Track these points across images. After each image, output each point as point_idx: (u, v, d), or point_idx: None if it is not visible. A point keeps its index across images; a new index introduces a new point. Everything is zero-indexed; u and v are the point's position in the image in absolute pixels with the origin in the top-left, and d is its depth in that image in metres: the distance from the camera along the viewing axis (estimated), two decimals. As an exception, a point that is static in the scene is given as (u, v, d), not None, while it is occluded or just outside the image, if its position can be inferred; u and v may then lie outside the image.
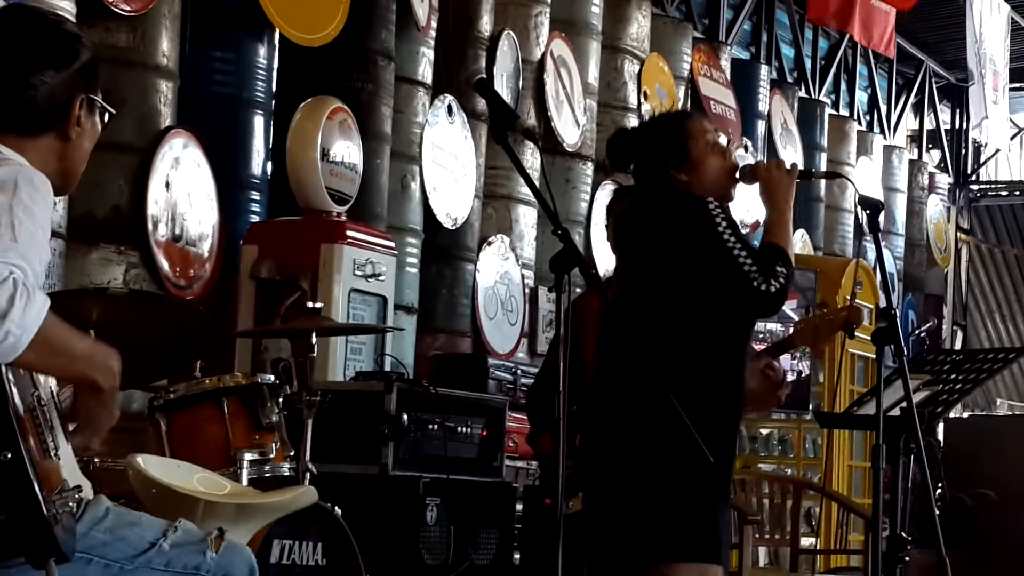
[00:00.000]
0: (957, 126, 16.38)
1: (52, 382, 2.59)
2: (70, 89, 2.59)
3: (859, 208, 4.04)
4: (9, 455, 2.33)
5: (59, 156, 2.61)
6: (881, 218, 4.14)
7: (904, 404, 4.08)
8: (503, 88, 8.33)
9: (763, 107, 11.60)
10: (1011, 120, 15.95)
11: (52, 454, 2.48)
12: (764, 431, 9.33)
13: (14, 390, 2.40)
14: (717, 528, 3.73)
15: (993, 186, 17.06)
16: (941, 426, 9.78)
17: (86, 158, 2.67)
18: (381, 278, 6.49)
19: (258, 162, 6.81)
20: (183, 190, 6.27)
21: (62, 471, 2.49)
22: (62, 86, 2.58)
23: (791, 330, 4.35)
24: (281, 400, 4.51)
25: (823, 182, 12.51)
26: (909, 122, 15.92)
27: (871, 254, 11.96)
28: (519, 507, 6.02)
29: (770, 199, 3.81)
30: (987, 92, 13.91)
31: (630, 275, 3.88)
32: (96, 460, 3.88)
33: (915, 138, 16.05)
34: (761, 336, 9.32)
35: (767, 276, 3.64)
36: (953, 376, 5.13)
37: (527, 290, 8.61)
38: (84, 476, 2.65)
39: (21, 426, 2.38)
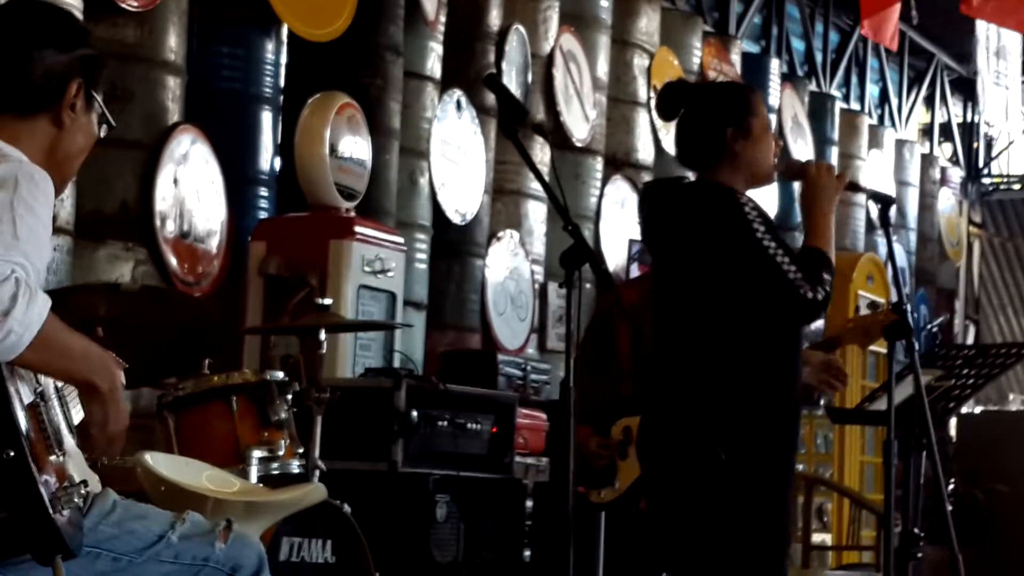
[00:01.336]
0: (969, 119, 16.33)
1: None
2: (68, 71, 2.59)
3: (871, 202, 4.03)
4: (12, 453, 2.32)
5: (52, 143, 2.60)
6: (892, 212, 4.12)
7: (916, 399, 4.06)
8: (512, 83, 8.30)
9: (774, 101, 11.56)
10: (1022, 112, 15.90)
11: (56, 450, 2.46)
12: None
13: (16, 386, 2.39)
14: (773, 539, 3.66)
15: (1005, 180, 17.01)
16: (953, 421, 9.74)
17: (80, 155, 2.66)
18: (390, 274, 6.47)
19: (266, 158, 6.79)
20: (191, 186, 6.26)
21: (67, 466, 2.48)
22: (60, 66, 2.58)
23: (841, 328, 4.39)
24: (290, 397, 4.50)
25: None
26: (920, 116, 15.87)
27: (882, 248, 11.92)
28: (529, 504, 6.01)
29: (814, 202, 3.70)
30: (1008, 83, 13.85)
31: (665, 274, 3.79)
32: (104, 458, 3.86)
33: (927, 132, 16.01)
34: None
35: (814, 283, 3.55)
36: (965, 371, 5.09)
37: (537, 286, 8.59)
38: (92, 471, 2.64)
39: (24, 423, 2.37)
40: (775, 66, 11.75)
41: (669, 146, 9.51)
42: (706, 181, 3.75)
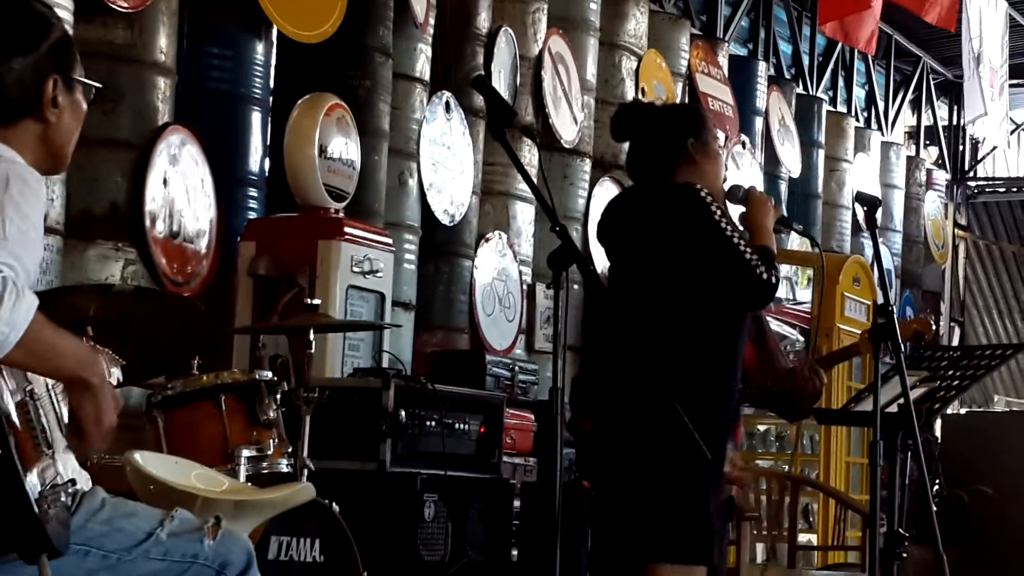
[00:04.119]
0: (954, 122, 16.38)
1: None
2: (39, 72, 2.56)
3: (857, 204, 4.12)
4: None
5: (41, 139, 2.59)
6: (878, 214, 4.17)
7: (901, 401, 4.09)
8: (501, 85, 8.32)
9: (761, 104, 11.60)
10: (1010, 117, 15.95)
11: (44, 449, 2.48)
12: (762, 427, 9.34)
13: (3, 385, 2.40)
14: (708, 528, 3.74)
15: (991, 183, 17.07)
16: (938, 423, 9.78)
17: (72, 136, 2.65)
18: (379, 275, 6.49)
19: (256, 159, 6.80)
20: (181, 187, 6.27)
21: (57, 465, 2.49)
22: (30, 70, 2.55)
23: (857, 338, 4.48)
24: (279, 397, 4.51)
25: (820, 179, 12.53)
26: (907, 118, 15.92)
27: (868, 250, 11.96)
28: (517, 503, 6.02)
29: (757, 217, 3.96)
30: (984, 88, 13.90)
31: (622, 267, 3.91)
32: (94, 456, 3.88)
33: (913, 135, 16.06)
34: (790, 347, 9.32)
35: (769, 267, 3.76)
36: (950, 372, 5.13)
37: (525, 287, 8.61)
38: (82, 469, 2.66)
39: (10, 422, 2.38)
40: (762, 69, 11.79)
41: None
42: (670, 183, 3.90)
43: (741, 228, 3.88)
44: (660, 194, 3.89)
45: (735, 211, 4.01)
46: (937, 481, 8.73)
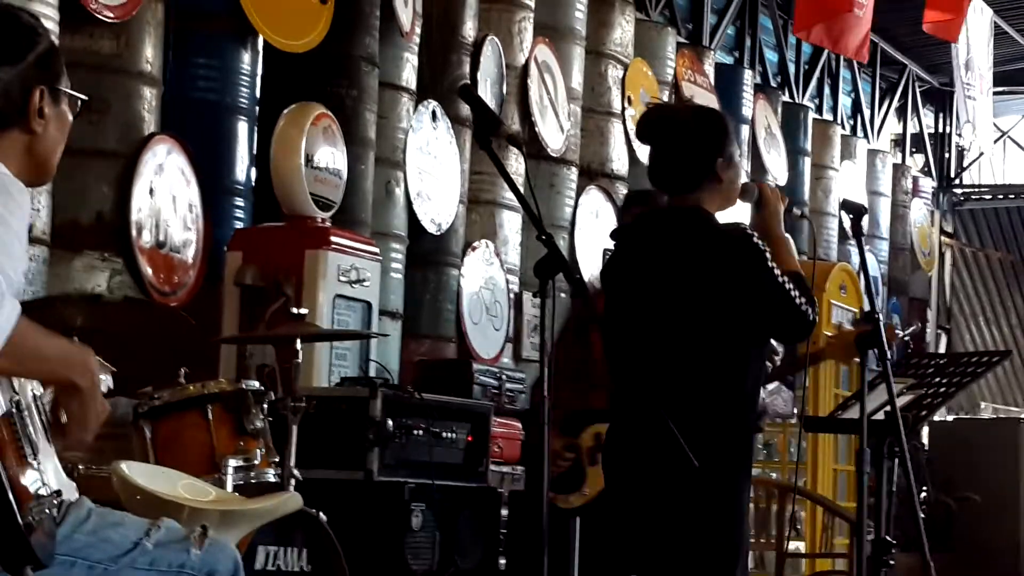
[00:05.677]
0: (940, 130, 16.44)
1: (35, 385, 2.58)
2: (26, 82, 2.56)
3: (843, 212, 4.11)
4: None
5: (27, 149, 2.59)
6: (865, 222, 4.18)
7: (888, 408, 4.11)
8: (487, 94, 8.33)
9: (747, 112, 11.62)
10: (994, 124, 16.01)
11: (30, 459, 2.47)
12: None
13: None
14: (739, 544, 3.75)
15: (977, 190, 17.13)
16: (925, 430, 9.82)
17: (58, 148, 2.64)
18: (366, 284, 6.49)
19: (242, 168, 6.80)
20: (167, 197, 6.27)
21: (43, 476, 2.49)
22: (17, 81, 2.55)
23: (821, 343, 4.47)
24: (266, 406, 4.51)
25: (806, 187, 12.56)
26: (893, 126, 15.97)
27: (855, 258, 11.98)
28: (504, 512, 6.03)
29: (772, 224, 3.95)
30: (975, 95, 13.94)
31: (650, 290, 3.84)
32: (80, 467, 3.88)
33: (899, 142, 16.12)
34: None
35: (812, 306, 3.80)
36: (937, 380, 5.14)
37: (512, 295, 8.62)
38: (68, 479, 2.65)
39: None
40: (748, 77, 11.82)
41: (643, 157, 9.55)
42: (700, 211, 3.86)
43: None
44: (712, 237, 3.82)
45: (744, 208, 3.99)
46: (924, 488, 8.76)
